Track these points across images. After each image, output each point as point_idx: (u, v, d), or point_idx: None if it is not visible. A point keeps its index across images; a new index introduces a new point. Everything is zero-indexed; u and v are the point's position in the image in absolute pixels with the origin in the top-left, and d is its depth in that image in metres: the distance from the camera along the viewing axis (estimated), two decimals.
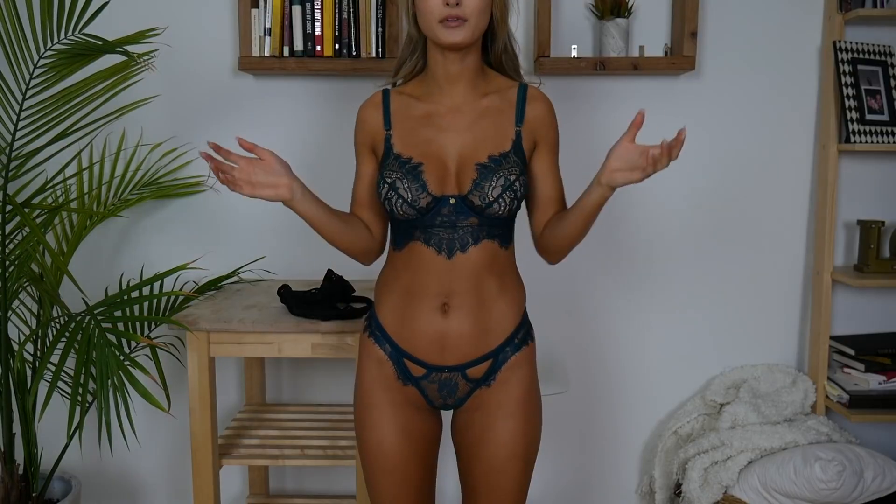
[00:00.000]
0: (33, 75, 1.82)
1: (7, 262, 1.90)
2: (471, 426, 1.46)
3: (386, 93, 1.48)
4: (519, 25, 2.24)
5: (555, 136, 1.47)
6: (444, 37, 1.34)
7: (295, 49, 2.14)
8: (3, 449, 2.01)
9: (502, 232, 1.42)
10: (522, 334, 1.46)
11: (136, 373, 1.68)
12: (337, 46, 2.14)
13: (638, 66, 2.15)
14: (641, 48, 2.22)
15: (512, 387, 1.43)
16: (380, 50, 2.14)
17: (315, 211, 1.43)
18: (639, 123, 1.30)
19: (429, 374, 1.43)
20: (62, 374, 1.76)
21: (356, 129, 1.50)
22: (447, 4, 1.31)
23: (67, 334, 1.74)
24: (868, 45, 2.22)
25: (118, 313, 1.99)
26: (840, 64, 2.18)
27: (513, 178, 1.38)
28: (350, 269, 2.02)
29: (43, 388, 2.23)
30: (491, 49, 1.45)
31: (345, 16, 2.13)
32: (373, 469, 1.47)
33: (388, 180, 1.39)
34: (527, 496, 1.49)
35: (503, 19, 1.40)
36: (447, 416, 1.54)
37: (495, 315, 1.42)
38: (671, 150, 1.27)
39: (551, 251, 1.49)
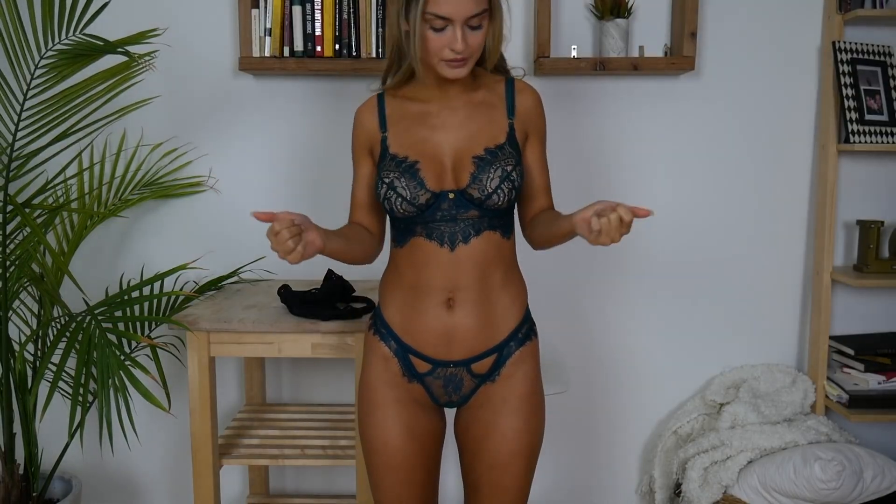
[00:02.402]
0: (34, 76, 1.83)
1: (8, 262, 1.91)
2: (475, 423, 1.46)
3: (381, 96, 1.51)
4: (519, 26, 2.24)
5: (544, 127, 1.50)
6: (446, 73, 1.38)
7: (295, 49, 2.15)
8: (3, 449, 2.02)
9: (503, 222, 1.44)
10: (526, 329, 1.47)
11: (137, 373, 1.69)
12: (337, 47, 2.14)
13: (638, 67, 2.15)
14: (641, 48, 2.22)
15: (517, 382, 1.44)
16: (380, 50, 2.14)
17: (333, 247, 1.40)
18: (642, 215, 1.25)
19: (434, 369, 1.44)
20: (63, 374, 1.76)
21: (354, 132, 1.52)
22: (454, 51, 1.34)
23: (68, 334, 1.74)
24: (868, 45, 2.22)
25: (118, 313, 1.99)
26: (839, 64, 2.19)
27: (509, 168, 1.40)
28: (350, 269, 2.02)
29: (43, 388, 2.23)
30: (483, 63, 1.46)
31: (345, 16, 2.14)
32: (377, 467, 1.47)
33: (387, 180, 1.41)
34: (529, 494, 1.49)
35: (496, 48, 1.43)
36: (450, 414, 1.55)
37: (500, 309, 1.43)
38: (625, 222, 1.23)
39: (535, 244, 1.53)
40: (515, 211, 1.54)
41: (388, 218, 1.52)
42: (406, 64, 1.45)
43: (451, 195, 1.39)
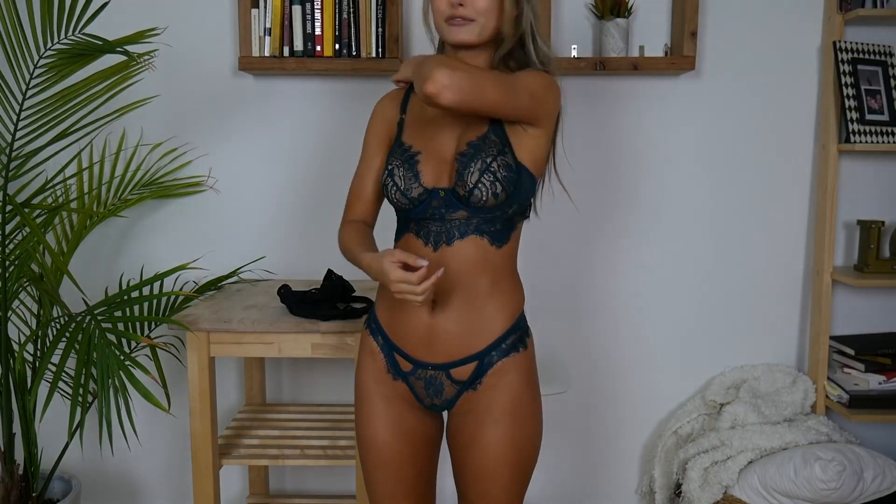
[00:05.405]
0: (33, 75, 1.82)
1: (7, 262, 1.90)
2: (461, 431, 1.45)
3: (410, 87, 1.50)
4: None
5: (523, 74, 1.38)
6: (449, 35, 1.37)
7: (295, 49, 2.14)
8: (3, 449, 2.01)
9: (494, 230, 1.39)
10: (513, 340, 1.42)
11: (137, 373, 1.68)
12: (337, 46, 2.14)
13: (638, 66, 2.15)
14: (641, 48, 2.22)
15: (500, 392, 1.40)
16: (380, 50, 2.14)
17: None
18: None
19: (415, 370, 1.43)
20: (62, 374, 1.76)
21: (372, 121, 1.51)
22: (451, 5, 1.34)
23: (68, 334, 1.74)
24: (868, 45, 2.22)
25: (118, 313, 1.99)
26: (840, 64, 2.18)
27: (489, 159, 1.34)
28: (350, 269, 2.02)
29: (43, 388, 2.23)
30: (499, 50, 1.43)
31: (345, 16, 2.13)
32: (367, 462, 1.48)
33: (389, 167, 1.41)
34: (522, 501, 1.47)
35: (511, 23, 1.38)
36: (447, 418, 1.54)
37: (484, 317, 1.40)
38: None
39: None
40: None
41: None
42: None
43: (442, 193, 1.37)
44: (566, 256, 2.35)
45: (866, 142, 2.18)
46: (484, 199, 1.35)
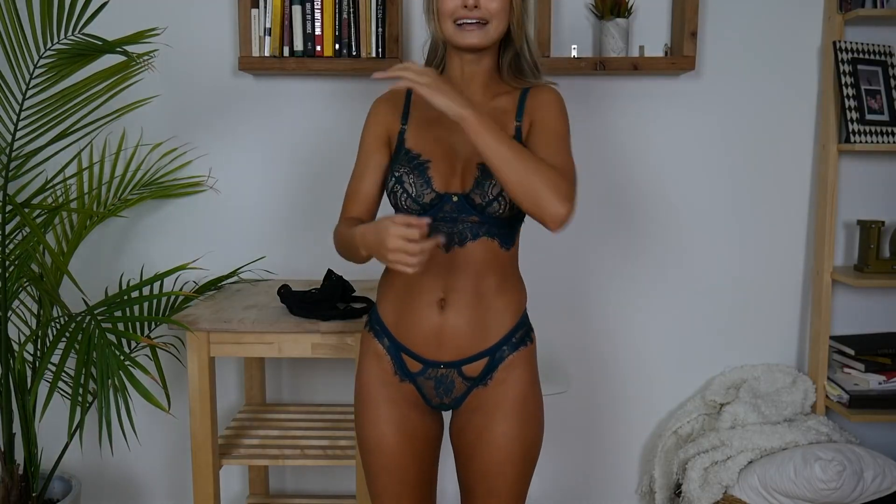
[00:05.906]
0: (33, 75, 1.82)
1: (7, 262, 1.91)
2: (468, 428, 1.45)
3: (408, 96, 1.49)
4: None
5: (551, 118, 1.41)
6: (459, 39, 1.37)
7: (295, 49, 2.14)
8: (3, 449, 2.01)
9: (503, 232, 1.42)
10: (521, 335, 1.45)
11: (137, 373, 1.68)
12: (337, 46, 2.14)
13: (638, 66, 2.15)
14: (641, 48, 2.22)
15: (509, 387, 1.42)
16: (380, 50, 2.14)
17: None
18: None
19: (425, 369, 1.43)
20: (62, 374, 1.76)
21: (370, 121, 1.49)
22: (465, 7, 1.34)
23: (68, 334, 1.74)
24: (868, 45, 2.22)
25: (118, 313, 1.99)
26: (840, 64, 2.19)
27: None
28: (350, 269, 2.02)
29: (43, 388, 2.23)
30: (505, 53, 1.44)
31: (345, 16, 2.14)
32: (371, 466, 1.48)
33: (397, 174, 1.41)
34: (525, 498, 1.48)
35: (520, 24, 1.40)
36: (447, 417, 1.54)
37: (493, 313, 1.42)
38: None
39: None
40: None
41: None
42: (437, 59, 1.46)
43: (455, 198, 1.38)
44: (566, 257, 2.35)
45: (866, 142, 2.18)
46: (500, 210, 1.38)
